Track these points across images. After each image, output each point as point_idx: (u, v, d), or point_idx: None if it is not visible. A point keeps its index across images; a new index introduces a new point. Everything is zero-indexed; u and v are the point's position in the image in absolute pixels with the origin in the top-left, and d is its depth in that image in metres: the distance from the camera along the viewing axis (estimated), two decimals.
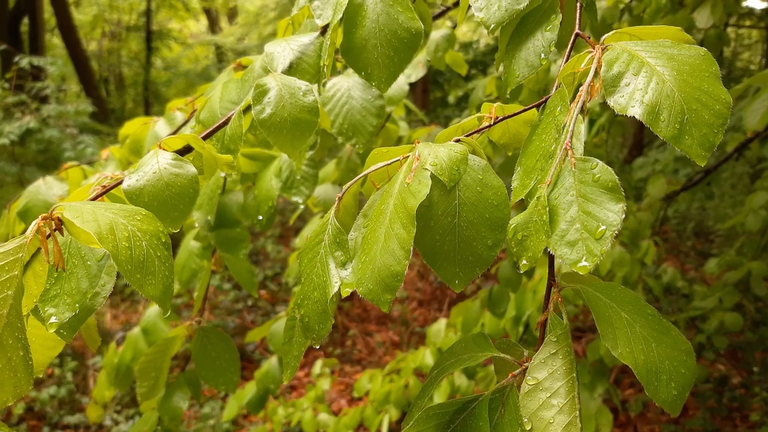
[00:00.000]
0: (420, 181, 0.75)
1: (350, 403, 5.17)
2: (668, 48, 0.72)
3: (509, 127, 0.95)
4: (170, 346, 1.53)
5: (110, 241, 0.64)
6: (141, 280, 0.67)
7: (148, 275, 0.68)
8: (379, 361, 5.72)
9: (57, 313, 0.77)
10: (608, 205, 0.62)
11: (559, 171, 0.68)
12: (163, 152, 0.88)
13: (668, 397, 0.67)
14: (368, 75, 0.95)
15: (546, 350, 0.71)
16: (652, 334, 0.70)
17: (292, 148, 0.93)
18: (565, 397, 0.68)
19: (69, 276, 0.76)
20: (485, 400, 0.77)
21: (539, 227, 0.66)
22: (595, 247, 0.61)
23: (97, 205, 0.70)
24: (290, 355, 0.98)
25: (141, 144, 1.57)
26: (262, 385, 2.48)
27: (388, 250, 0.74)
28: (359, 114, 1.33)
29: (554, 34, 0.92)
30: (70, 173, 1.73)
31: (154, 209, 0.83)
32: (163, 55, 14.40)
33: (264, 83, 0.95)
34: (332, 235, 0.85)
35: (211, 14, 16.28)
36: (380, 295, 0.75)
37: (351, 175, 2.27)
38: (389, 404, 3.56)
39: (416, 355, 3.67)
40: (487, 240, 0.76)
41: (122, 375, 2.18)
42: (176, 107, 1.65)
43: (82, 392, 5.11)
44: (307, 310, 0.88)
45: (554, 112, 0.79)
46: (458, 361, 0.83)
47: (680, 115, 0.65)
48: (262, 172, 1.56)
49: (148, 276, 0.68)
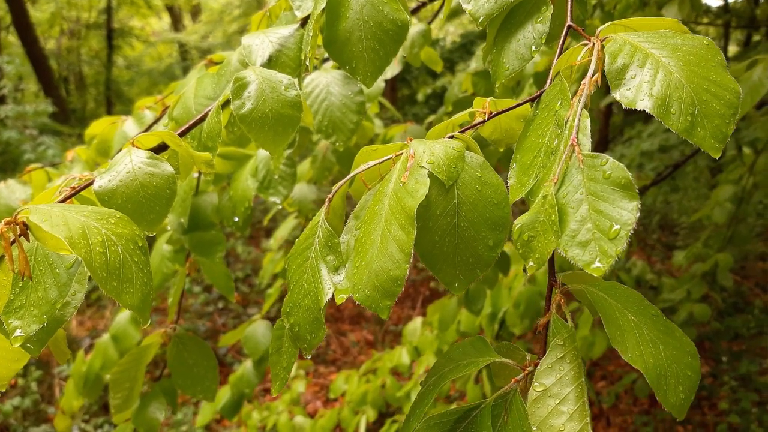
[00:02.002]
0: (417, 180, 0.71)
1: (325, 405, 5.11)
2: (671, 38, 0.70)
3: (501, 123, 0.91)
4: (144, 355, 1.46)
5: (82, 247, 0.59)
6: (118, 288, 0.61)
7: (125, 283, 0.62)
8: (354, 361, 5.67)
9: (23, 326, 0.71)
10: (621, 203, 0.58)
11: (565, 168, 0.64)
12: (136, 150, 0.82)
13: (677, 401, 0.65)
14: (353, 69, 0.90)
15: (553, 355, 0.68)
16: (659, 336, 0.68)
17: (274, 145, 0.89)
18: (574, 404, 0.65)
19: (36, 285, 0.70)
20: (487, 407, 0.74)
21: (547, 227, 0.62)
22: (609, 247, 0.57)
23: (67, 208, 0.64)
24: (279, 366, 0.93)
25: (109, 144, 1.49)
26: (237, 389, 2.43)
27: (386, 253, 0.70)
28: (339, 111, 1.28)
29: (546, 26, 0.89)
30: (33, 176, 1.64)
31: (128, 212, 0.77)
32: (125, 54, 14.07)
33: (243, 77, 0.90)
34: (323, 238, 0.80)
35: (174, 12, 15.97)
36: (378, 301, 0.71)
37: (326, 174, 2.22)
38: (366, 405, 3.52)
39: (392, 355, 3.64)
40: (488, 240, 0.72)
41: (91, 384, 2.11)
42: (145, 106, 1.58)
43: (48, 402, 4.95)
44: (297, 318, 0.84)
45: (553, 107, 0.76)
46: (458, 367, 0.79)
47: (691, 107, 0.62)
48: (238, 172, 1.51)
49: (125, 284, 0.62)
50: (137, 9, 13.90)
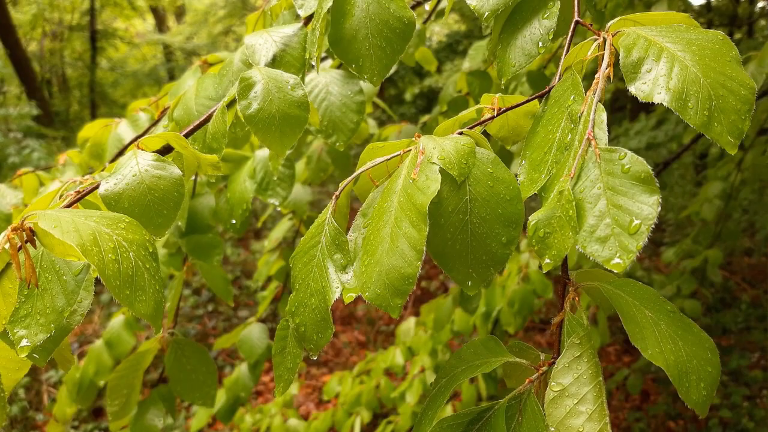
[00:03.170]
0: (428, 177, 0.70)
1: (318, 407, 5.09)
2: (684, 33, 0.69)
3: (508, 120, 0.91)
4: (142, 361, 1.44)
5: (95, 254, 0.57)
6: (131, 296, 0.59)
7: (138, 291, 0.60)
8: (346, 362, 5.65)
9: (29, 335, 0.69)
10: (642, 197, 0.58)
11: (582, 163, 0.64)
12: (142, 153, 0.80)
13: (699, 398, 0.64)
14: (359, 68, 0.89)
15: (569, 353, 0.67)
16: (678, 332, 0.67)
17: (281, 146, 0.87)
18: (593, 403, 0.64)
19: (42, 293, 0.68)
20: (501, 408, 0.73)
21: (564, 223, 0.62)
22: (629, 242, 0.57)
23: (76, 213, 0.62)
24: (283, 367, 0.91)
25: (103, 147, 1.47)
26: (232, 393, 2.41)
27: (397, 251, 0.69)
28: (339, 110, 1.27)
29: (553, 22, 0.88)
30: (24, 180, 1.61)
31: (135, 216, 0.75)
32: (109, 56, 13.94)
33: (249, 76, 0.88)
34: (330, 236, 0.79)
35: (158, 13, 15.83)
36: (389, 300, 0.70)
37: (321, 174, 2.21)
38: (360, 406, 3.50)
39: (386, 355, 3.62)
40: (501, 237, 0.72)
41: (85, 390, 2.08)
42: (139, 108, 1.56)
43: (36, 409, 4.88)
44: (303, 318, 0.82)
45: (564, 102, 0.75)
46: (470, 367, 0.78)
47: (708, 102, 0.61)
48: (235, 174, 1.49)
49: (137, 292, 0.60)
50: (121, 10, 13.77)
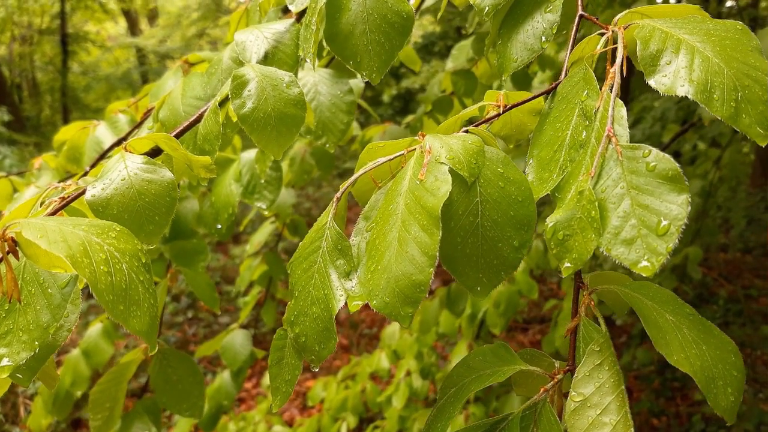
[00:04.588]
0: (437, 177, 0.67)
1: (302, 412, 5.03)
2: (700, 24, 0.67)
3: (512, 118, 0.87)
4: (125, 373, 1.38)
5: (86, 266, 0.52)
6: (125, 312, 0.54)
7: (133, 305, 0.55)
8: (329, 366, 5.59)
9: (10, 354, 0.63)
10: (669, 196, 0.55)
11: (602, 161, 0.61)
12: (131, 156, 0.75)
13: (727, 404, 0.61)
14: (357, 64, 0.85)
15: (590, 362, 0.64)
16: (700, 336, 0.65)
17: (278, 147, 0.83)
18: (617, 414, 0.61)
19: (25, 307, 0.63)
20: (516, 419, 0.70)
21: (586, 225, 0.58)
22: (658, 244, 0.54)
23: (63, 222, 0.57)
24: (280, 379, 0.87)
25: (80, 151, 1.40)
26: (215, 401, 2.37)
27: (406, 256, 0.66)
28: (329, 111, 1.23)
29: (556, 15, 0.85)
30: None
31: (124, 223, 0.70)
32: (80, 59, 13.68)
33: (242, 74, 0.83)
34: (332, 240, 0.75)
35: (130, 16, 15.59)
36: (399, 308, 0.66)
37: (305, 176, 2.16)
38: (346, 411, 3.46)
39: (371, 359, 3.58)
40: (513, 240, 0.68)
41: (61, 401, 2.01)
42: (118, 109, 1.50)
43: (12, 422, 4.74)
44: (303, 327, 0.78)
45: (575, 98, 0.72)
46: (481, 377, 0.75)
47: (734, 92, 0.59)
48: (220, 177, 1.44)
49: (132, 306, 0.55)
50: (92, 13, 13.53)
